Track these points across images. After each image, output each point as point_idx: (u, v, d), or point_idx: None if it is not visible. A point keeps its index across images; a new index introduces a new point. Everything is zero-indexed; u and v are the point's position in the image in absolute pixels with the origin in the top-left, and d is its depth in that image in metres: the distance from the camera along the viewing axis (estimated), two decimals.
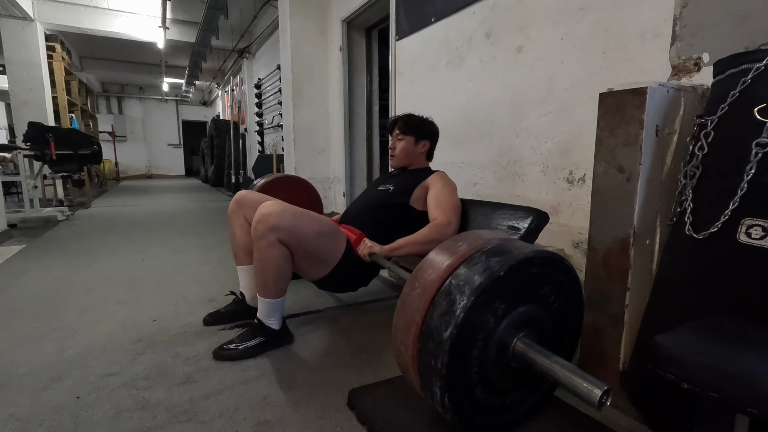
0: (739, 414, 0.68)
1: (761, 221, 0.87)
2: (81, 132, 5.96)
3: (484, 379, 0.92)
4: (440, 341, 0.82)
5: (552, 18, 1.82)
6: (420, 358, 0.87)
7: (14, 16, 5.90)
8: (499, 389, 0.96)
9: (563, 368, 0.85)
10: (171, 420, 1.09)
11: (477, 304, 0.83)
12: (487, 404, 0.95)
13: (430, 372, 0.85)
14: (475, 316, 0.84)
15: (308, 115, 4.18)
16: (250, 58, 7.80)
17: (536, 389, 1.04)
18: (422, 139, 1.78)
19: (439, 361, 0.83)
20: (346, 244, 1.51)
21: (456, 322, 0.81)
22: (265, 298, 1.43)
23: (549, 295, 0.98)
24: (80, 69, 9.75)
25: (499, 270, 0.84)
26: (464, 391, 0.89)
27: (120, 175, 12.65)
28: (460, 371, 0.86)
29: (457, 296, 0.84)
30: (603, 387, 0.78)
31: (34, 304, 1.93)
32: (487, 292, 0.84)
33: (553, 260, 0.95)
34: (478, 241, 0.93)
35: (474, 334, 0.86)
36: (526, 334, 0.93)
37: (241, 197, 1.68)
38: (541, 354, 0.89)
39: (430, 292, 0.88)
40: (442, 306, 0.85)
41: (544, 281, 0.96)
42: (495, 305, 0.88)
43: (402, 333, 0.92)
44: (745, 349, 0.72)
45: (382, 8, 3.36)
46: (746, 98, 0.96)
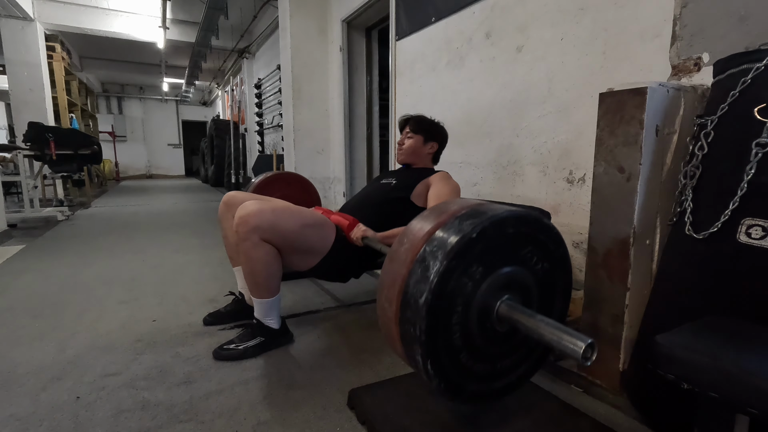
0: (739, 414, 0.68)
1: (761, 221, 0.87)
2: (81, 132, 5.96)
3: (469, 344, 0.90)
4: (417, 308, 0.82)
5: (552, 18, 1.82)
6: (401, 327, 0.86)
7: (14, 16, 5.90)
8: (488, 355, 0.94)
9: (547, 325, 0.84)
10: (171, 420, 1.09)
11: (450, 269, 0.82)
12: (476, 371, 0.93)
13: (411, 340, 0.84)
14: (451, 281, 0.83)
15: (308, 115, 4.19)
16: (250, 58, 7.80)
17: (528, 354, 1.02)
18: (431, 141, 1.80)
19: (417, 328, 0.82)
20: (336, 233, 1.50)
21: (430, 287, 0.80)
22: (258, 298, 1.43)
23: (530, 256, 0.96)
24: (80, 69, 9.74)
25: (471, 233, 0.83)
26: (448, 358, 0.87)
27: (120, 175, 12.65)
28: (442, 337, 0.85)
29: (431, 262, 0.83)
30: (587, 340, 0.77)
31: (34, 304, 1.93)
32: (461, 255, 0.82)
33: (529, 219, 0.92)
34: (453, 208, 0.92)
35: (452, 299, 0.85)
36: (510, 297, 0.92)
37: (228, 198, 1.68)
38: (524, 314, 0.88)
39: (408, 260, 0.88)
40: (417, 274, 0.84)
41: (523, 242, 0.93)
42: (471, 269, 0.86)
43: (387, 289, 0.90)
44: (745, 349, 0.72)
45: (382, 8, 3.36)
46: (746, 98, 0.96)
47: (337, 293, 2.10)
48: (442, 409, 1.08)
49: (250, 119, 7.97)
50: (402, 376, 1.26)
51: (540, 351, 1.05)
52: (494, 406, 1.09)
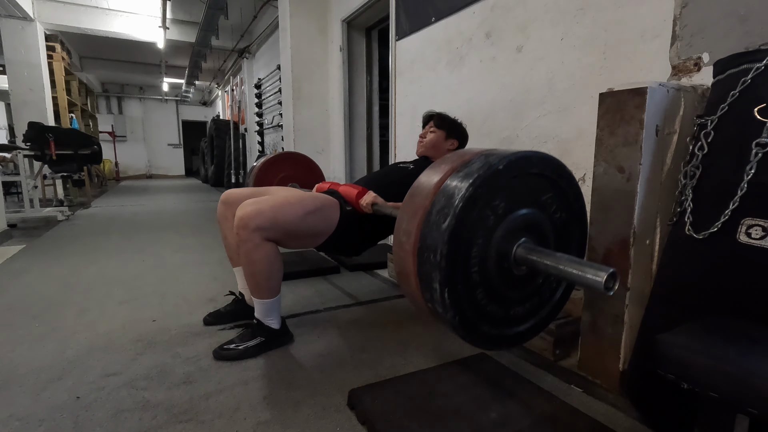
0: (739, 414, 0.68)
1: (761, 221, 0.87)
2: (81, 132, 5.96)
3: (486, 282, 0.90)
4: (439, 234, 0.81)
5: (552, 18, 1.82)
6: (419, 257, 0.85)
7: (14, 16, 5.90)
8: (503, 298, 0.94)
9: (567, 260, 0.84)
10: (171, 420, 1.09)
11: (476, 197, 0.82)
12: (490, 312, 0.93)
13: (430, 267, 0.83)
14: (475, 210, 0.83)
15: (308, 115, 4.19)
16: (250, 58, 7.80)
17: (541, 305, 1.02)
18: (452, 138, 1.82)
19: (438, 253, 0.81)
20: (341, 210, 1.50)
21: (455, 212, 0.81)
22: (259, 299, 1.43)
23: (551, 203, 0.96)
24: (80, 69, 9.74)
25: (497, 164, 0.84)
26: (465, 291, 0.87)
27: (120, 175, 12.66)
28: (461, 267, 0.84)
29: (456, 190, 0.83)
30: (608, 270, 0.77)
31: (34, 304, 1.93)
32: (486, 184, 0.83)
33: (552, 163, 0.94)
34: (476, 150, 0.93)
35: (473, 229, 0.85)
36: (527, 240, 0.92)
37: (226, 197, 1.67)
38: (543, 252, 0.88)
39: (431, 192, 0.88)
40: (440, 202, 0.84)
41: (545, 187, 0.94)
42: (495, 202, 0.87)
43: (407, 222, 0.90)
44: (745, 349, 0.72)
45: (382, 8, 3.36)
46: (746, 98, 0.97)
47: (337, 293, 2.10)
48: (442, 410, 1.08)
49: (250, 119, 7.97)
50: (402, 376, 1.26)
51: (552, 304, 1.04)
52: (494, 406, 1.09)
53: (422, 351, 1.48)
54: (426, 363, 1.37)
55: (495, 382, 1.21)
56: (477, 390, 1.17)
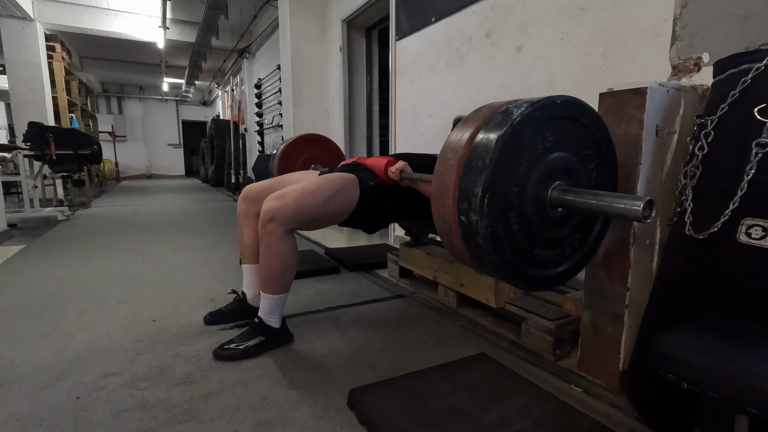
0: (739, 414, 0.68)
1: (761, 221, 0.87)
2: (81, 132, 5.96)
3: (521, 207, 0.93)
4: (489, 142, 0.86)
5: (552, 18, 1.82)
6: (465, 167, 0.89)
7: (14, 16, 5.90)
8: (532, 232, 0.96)
9: (604, 195, 0.88)
10: (171, 420, 1.09)
11: (531, 117, 0.87)
12: (517, 241, 0.95)
13: (476, 173, 0.86)
14: (528, 131, 0.88)
15: (308, 115, 4.19)
16: (250, 58, 7.80)
17: (562, 260, 1.04)
18: None
19: (488, 158, 0.85)
20: (361, 187, 1.51)
21: (512, 123, 0.85)
22: (268, 294, 1.44)
23: (589, 160, 1.00)
24: (80, 69, 9.75)
25: (555, 98, 0.90)
26: (502, 207, 0.89)
27: (120, 175, 12.65)
28: (504, 180, 0.88)
29: (514, 109, 0.88)
30: (645, 198, 0.80)
31: (34, 304, 1.93)
32: (542, 109, 0.88)
33: (601, 122, 0.99)
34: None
35: (522, 150, 0.89)
36: (563, 183, 0.96)
37: (246, 193, 1.69)
38: (579, 190, 0.93)
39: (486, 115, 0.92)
40: (497, 120, 0.88)
41: (589, 141, 0.99)
42: (545, 132, 0.91)
43: (455, 143, 0.94)
44: (745, 349, 0.72)
45: (382, 8, 3.36)
46: (746, 98, 0.96)
47: (337, 293, 2.10)
48: (442, 410, 1.08)
49: (250, 119, 7.97)
50: (402, 376, 1.26)
51: (572, 262, 1.06)
52: (494, 406, 1.09)
53: (422, 351, 1.48)
54: (426, 363, 1.37)
55: (495, 382, 1.21)
56: (477, 390, 1.17)
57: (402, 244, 2.26)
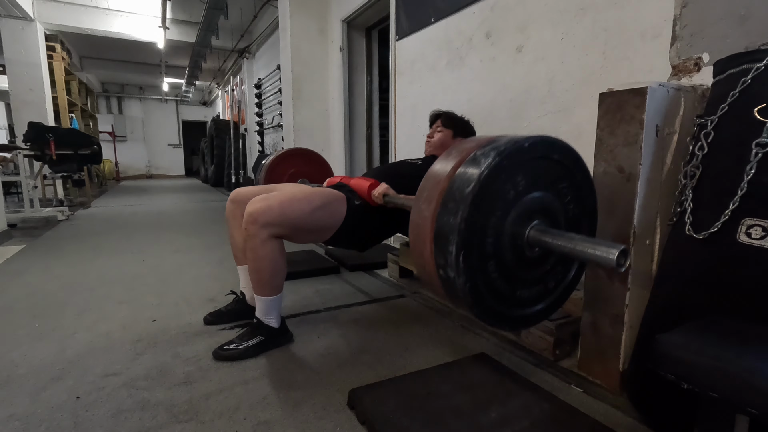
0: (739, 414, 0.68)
1: (761, 221, 0.87)
2: (81, 132, 5.96)
3: (499, 255, 0.92)
4: (461, 198, 0.84)
5: (552, 18, 1.82)
6: (438, 221, 0.88)
7: (14, 16, 5.90)
8: (512, 276, 0.96)
9: (579, 239, 0.86)
10: (171, 420, 1.09)
11: (501, 167, 0.85)
12: (498, 288, 0.94)
13: (448, 230, 0.85)
14: (498, 181, 0.86)
15: (308, 115, 4.19)
16: (250, 58, 7.80)
17: (546, 294, 1.03)
18: (459, 136, 1.84)
19: (458, 215, 0.83)
20: (348, 204, 1.50)
21: (480, 178, 0.83)
22: (261, 296, 1.43)
23: (566, 193, 0.99)
24: (80, 69, 9.74)
25: (524, 142, 0.88)
26: (478, 260, 0.88)
27: (120, 175, 12.65)
28: (477, 234, 0.87)
29: (482, 159, 0.86)
30: (619, 247, 0.79)
31: (34, 304, 1.93)
32: (512, 157, 0.86)
33: (572, 153, 0.97)
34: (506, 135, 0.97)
35: (494, 199, 0.87)
36: (540, 222, 0.95)
37: (235, 195, 1.68)
38: (555, 234, 0.91)
39: (457, 161, 0.91)
40: (466, 171, 0.87)
41: (563, 175, 0.97)
42: (516, 178, 0.89)
43: (429, 189, 0.93)
44: (745, 349, 0.72)
45: (382, 8, 3.36)
46: (746, 98, 0.97)
47: (337, 293, 2.10)
48: (442, 410, 1.08)
49: (250, 119, 7.96)
50: (402, 376, 1.26)
51: (556, 295, 1.05)
52: (494, 406, 1.09)
53: (422, 351, 1.48)
54: (426, 363, 1.37)
55: (495, 382, 1.21)
56: (477, 390, 1.17)
57: (402, 244, 2.26)
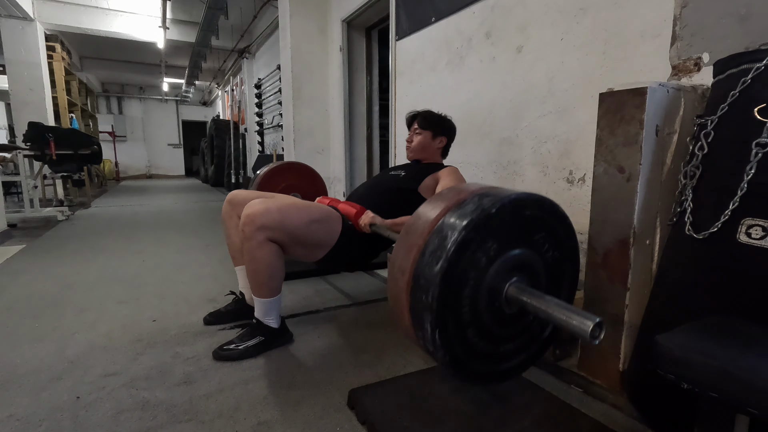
0: (739, 414, 0.68)
1: (761, 221, 0.87)
2: (81, 132, 5.95)
3: (477, 321, 0.90)
4: (431, 276, 0.82)
5: (552, 18, 1.82)
6: (412, 295, 0.87)
7: (14, 16, 5.90)
8: (493, 335, 0.95)
9: (556, 305, 0.84)
10: (171, 420, 1.09)
11: (468, 240, 0.83)
12: (480, 349, 0.93)
13: (422, 308, 0.84)
14: (467, 253, 0.84)
15: (308, 115, 4.18)
16: (250, 58, 7.80)
17: (531, 342, 1.03)
18: (439, 135, 1.81)
19: (429, 295, 0.82)
20: (343, 224, 1.50)
21: (447, 255, 0.81)
22: (260, 298, 1.43)
23: (543, 242, 0.97)
24: (80, 69, 9.74)
25: (490, 208, 0.84)
26: (456, 331, 0.88)
27: (120, 175, 12.65)
28: (452, 309, 0.86)
29: (449, 232, 0.84)
30: (595, 319, 0.78)
31: (34, 304, 1.93)
32: (478, 228, 0.83)
33: (545, 204, 0.94)
34: (472, 188, 0.94)
35: (465, 271, 0.85)
36: (519, 279, 0.93)
37: (232, 197, 1.68)
38: (533, 294, 0.89)
39: (425, 231, 0.88)
40: (434, 243, 0.85)
41: (538, 226, 0.94)
42: (487, 244, 0.87)
43: (402, 258, 0.91)
44: (745, 349, 0.72)
45: (382, 8, 3.36)
46: (746, 98, 0.96)
47: (337, 293, 2.10)
48: (442, 410, 1.08)
49: (250, 119, 7.96)
50: (402, 376, 1.26)
51: (541, 341, 1.05)
52: (494, 406, 1.09)
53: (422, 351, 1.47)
54: (426, 363, 1.37)
55: None
56: (477, 390, 1.17)
57: None
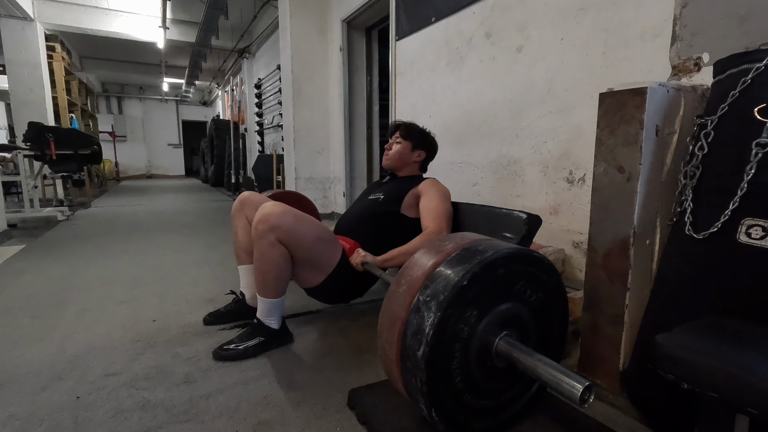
0: (739, 414, 0.68)
1: (761, 221, 0.87)
2: (81, 132, 5.96)
3: (471, 385, 0.91)
4: (416, 360, 0.83)
5: (552, 18, 1.82)
6: (403, 375, 0.88)
7: (14, 16, 5.90)
8: (490, 391, 0.96)
9: (545, 366, 0.84)
10: (171, 420, 1.09)
11: (445, 319, 0.83)
12: (480, 407, 0.95)
13: (414, 390, 0.86)
14: (447, 330, 0.84)
15: (308, 115, 4.19)
16: (250, 58, 7.80)
17: (530, 383, 1.03)
18: (419, 149, 1.79)
19: (418, 380, 0.83)
20: (342, 254, 1.52)
21: (427, 340, 0.82)
22: (264, 297, 1.43)
23: (524, 290, 0.97)
24: (80, 69, 9.74)
25: (461, 281, 0.84)
26: (452, 402, 0.89)
27: (120, 175, 12.65)
28: (443, 384, 0.86)
29: (425, 313, 0.84)
30: (584, 383, 0.78)
31: (34, 304, 1.93)
32: (454, 305, 0.83)
33: (518, 256, 0.93)
34: (446, 248, 0.94)
35: (449, 347, 0.86)
36: (507, 333, 0.93)
37: (244, 197, 1.68)
38: (523, 353, 0.88)
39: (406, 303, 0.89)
40: (413, 325, 0.85)
41: (515, 278, 0.94)
42: (466, 314, 0.87)
43: (388, 331, 0.91)
44: (745, 349, 0.72)
45: (382, 8, 3.36)
46: (746, 98, 0.96)
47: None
48: None
49: (250, 119, 7.97)
50: None
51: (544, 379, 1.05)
52: None
53: None
54: None
55: None
56: None
57: None
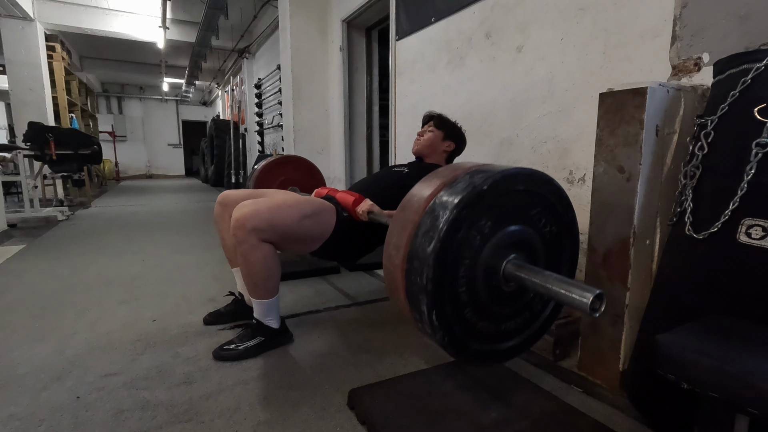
0: (739, 414, 0.68)
1: (761, 221, 0.87)
2: (81, 132, 5.96)
3: (475, 300, 0.89)
4: (425, 257, 0.81)
5: (552, 18, 1.82)
6: (407, 277, 0.85)
7: (14, 16, 5.90)
8: (493, 314, 0.93)
9: (555, 279, 0.83)
10: (171, 420, 1.09)
11: (459, 218, 0.81)
12: (480, 329, 0.92)
13: (417, 289, 0.83)
14: (460, 232, 0.82)
15: (308, 115, 4.19)
16: (250, 58, 7.80)
17: (532, 320, 1.02)
18: (449, 139, 1.82)
19: (424, 276, 0.81)
20: (337, 216, 1.49)
21: (439, 236, 0.80)
22: (257, 299, 1.43)
23: (539, 218, 0.95)
24: (80, 69, 9.74)
25: (482, 185, 0.82)
26: (453, 311, 0.86)
27: (120, 175, 12.65)
28: (448, 289, 0.84)
29: (440, 212, 0.82)
30: (595, 291, 0.76)
31: (34, 304, 1.93)
32: (470, 206, 0.82)
33: (538, 178, 0.92)
34: (467, 165, 0.93)
35: (459, 250, 0.84)
36: (517, 256, 0.91)
37: (223, 198, 1.67)
38: (531, 270, 0.87)
39: (419, 209, 0.87)
40: (426, 224, 0.83)
41: (533, 202, 0.93)
42: (480, 222, 0.85)
43: (398, 234, 0.89)
44: (745, 349, 0.72)
45: (382, 8, 3.36)
46: (746, 98, 0.96)
47: (337, 293, 2.10)
48: (442, 410, 1.08)
49: (250, 119, 7.96)
50: (402, 376, 1.26)
51: (543, 319, 1.04)
52: (494, 406, 1.09)
53: (422, 351, 1.48)
54: (426, 363, 1.37)
55: (495, 382, 1.21)
56: (477, 390, 1.17)
57: None
